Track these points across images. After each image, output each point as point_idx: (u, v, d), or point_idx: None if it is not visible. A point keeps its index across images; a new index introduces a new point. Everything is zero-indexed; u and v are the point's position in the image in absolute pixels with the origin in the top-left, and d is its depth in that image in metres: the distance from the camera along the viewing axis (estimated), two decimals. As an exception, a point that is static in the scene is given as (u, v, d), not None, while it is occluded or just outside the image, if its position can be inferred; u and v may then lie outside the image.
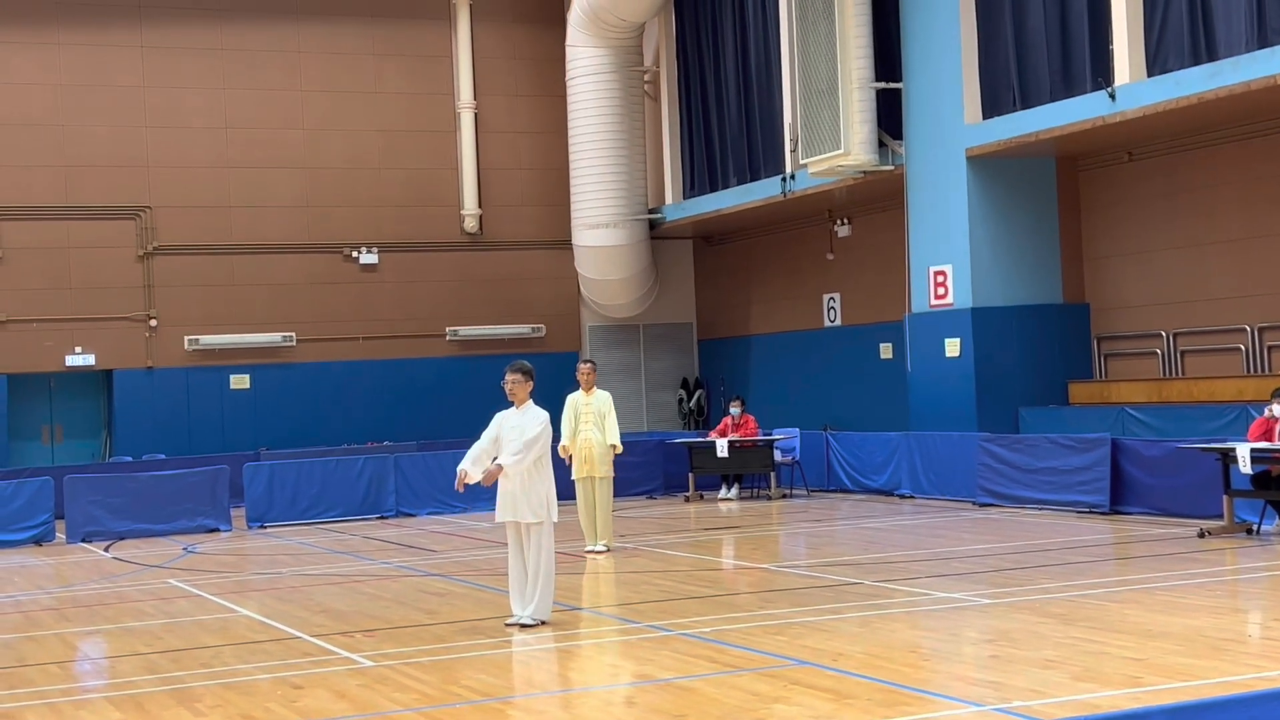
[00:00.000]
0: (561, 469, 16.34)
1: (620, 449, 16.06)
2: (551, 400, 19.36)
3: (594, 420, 15.96)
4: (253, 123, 27.29)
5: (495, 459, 11.15)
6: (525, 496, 11.11)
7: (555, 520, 11.34)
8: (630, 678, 9.42)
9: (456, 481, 11.20)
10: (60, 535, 19.67)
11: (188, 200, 26.79)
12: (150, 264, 26.57)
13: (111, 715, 8.48)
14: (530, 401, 11.35)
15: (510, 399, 11.39)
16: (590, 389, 16.10)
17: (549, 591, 11.17)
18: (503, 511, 11.27)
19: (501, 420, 11.34)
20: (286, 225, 27.41)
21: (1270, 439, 14.66)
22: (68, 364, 26.08)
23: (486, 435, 11.31)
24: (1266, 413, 14.91)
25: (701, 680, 8.84)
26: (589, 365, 16.32)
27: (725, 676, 8.93)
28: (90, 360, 26.19)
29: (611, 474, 16.03)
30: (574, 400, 16.12)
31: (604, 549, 15.68)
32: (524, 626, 10.98)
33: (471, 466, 11.18)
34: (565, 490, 15.78)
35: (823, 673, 8.87)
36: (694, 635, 10.39)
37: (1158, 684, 8.19)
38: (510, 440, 11.17)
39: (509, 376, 11.40)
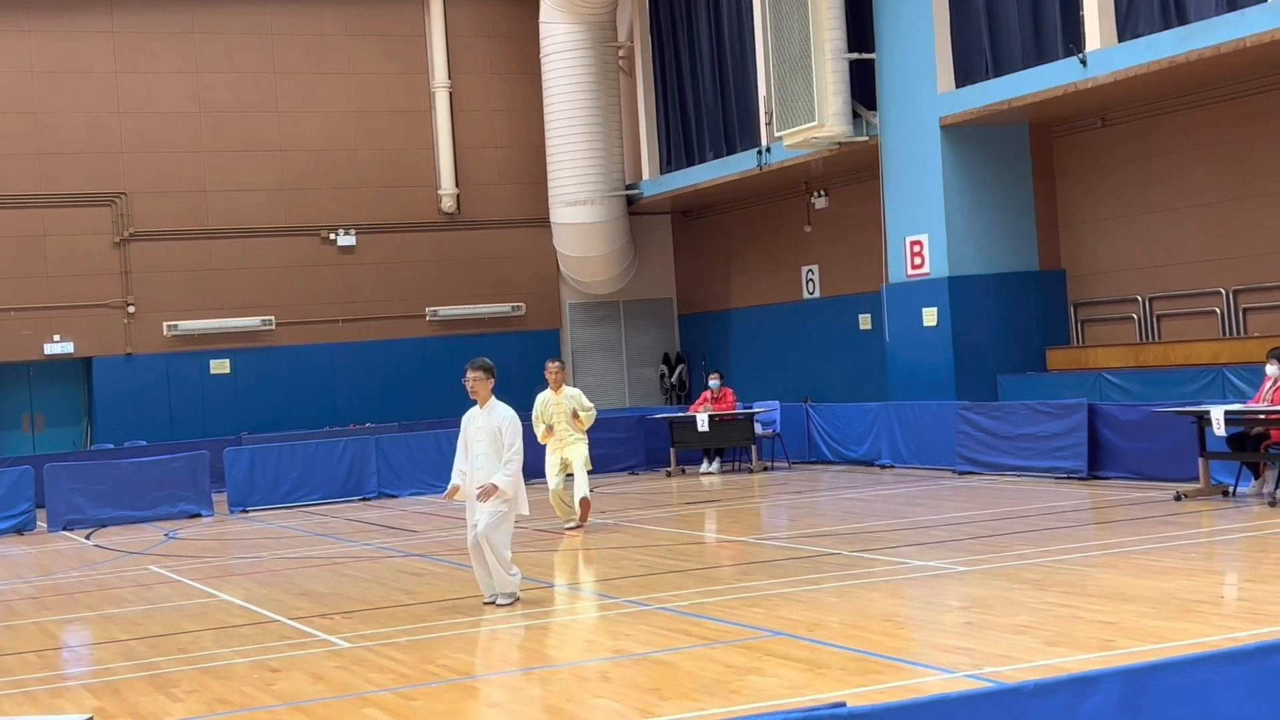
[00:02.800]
0: (535, 449, 16.38)
1: (584, 422, 15.82)
2: (532, 380, 19.45)
3: (565, 418, 15.77)
4: (227, 106, 27.20)
5: (493, 479, 10.84)
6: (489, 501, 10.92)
7: (525, 512, 11.20)
8: (607, 653, 9.44)
9: (446, 494, 11.23)
10: (42, 524, 19.67)
11: (164, 185, 26.72)
12: (127, 250, 26.50)
13: (88, 702, 8.50)
14: (494, 399, 11.12)
15: (472, 397, 11.17)
16: (559, 388, 15.88)
17: (509, 571, 11.00)
18: (469, 515, 11.15)
19: (467, 423, 11.11)
20: (263, 208, 27.34)
21: (1273, 399, 14.60)
22: (46, 352, 26.04)
23: (460, 445, 11.14)
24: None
25: (677, 654, 8.88)
26: (557, 364, 16.11)
27: (701, 649, 8.97)
28: (69, 348, 26.14)
29: (586, 466, 15.77)
30: (543, 399, 15.93)
31: (585, 494, 15.60)
32: (499, 604, 10.98)
33: (463, 482, 11.06)
34: (537, 467, 15.85)
35: (798, 643, 8.92)
36: (671, 609, 10.43)
37: (1129, 647, 8.25)
38: (478, 442, 10.94)
39: (470, 374, 11.14)
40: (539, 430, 15.81)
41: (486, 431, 10.96)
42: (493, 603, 11.02)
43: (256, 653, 9.79)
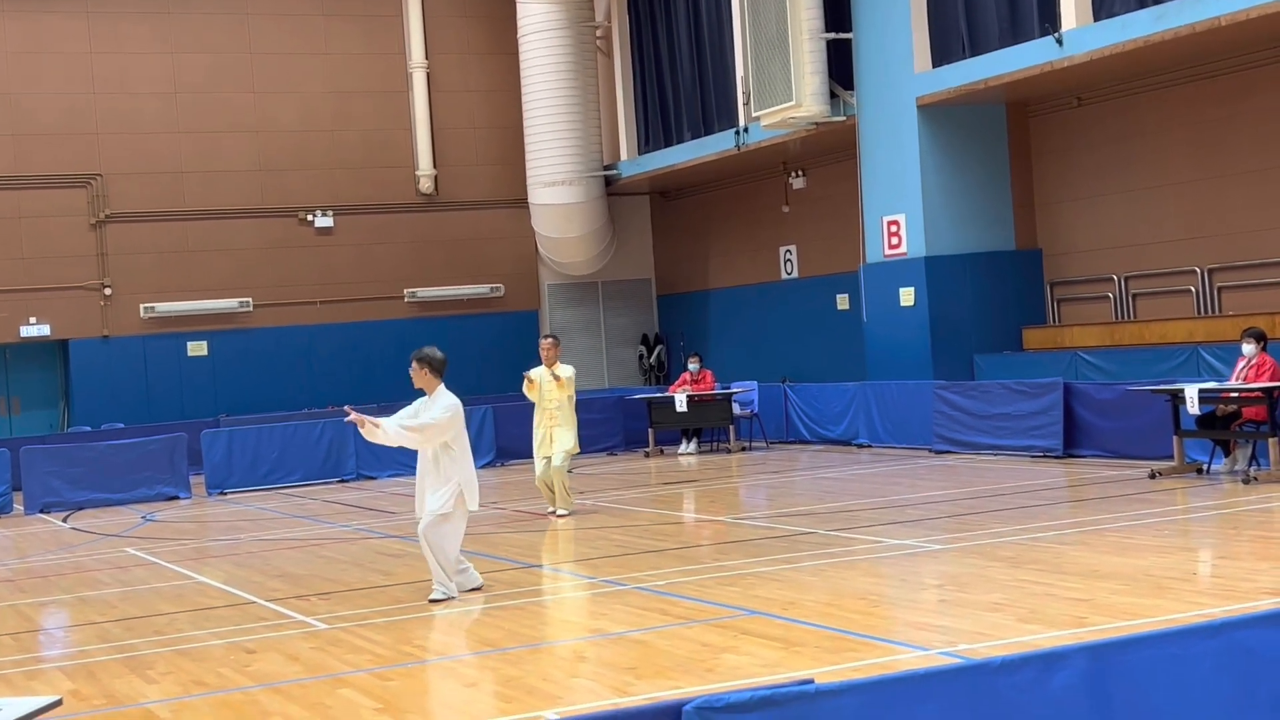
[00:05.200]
0: (523, 427, 16.24)
1: (574, 450, 15.32)
2: (510, 361, 19.48)
3: (557, 401, 15.24)
4: (203, 87, 27.06)
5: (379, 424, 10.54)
6: (431, 494, 10.60)
7: (474, 508, 10.73)
8: (583, 632, 9.49)
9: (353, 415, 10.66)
10: (18, 507, 19.61)
11: (139, 167, 26.59)
12: (103, 232, 26.38)
13: (63, 685, 8.49)
14: (441, 387, 10.72)
15: (417, 387, 10.81)
16: (552, 364, 15.32)
17: (443, 572, 10.54)
18: (417, 508, 10.88)
19: (416, 409, 10.78)
20: (240, 190, 27.23)
21: (1247, 378, 14.66)
22: (23, 334, 25.91)
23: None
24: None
25: (653, 633, 8.91)
26: (549, 340, 15.59)
27: (677, 628, 9.00)
28: (45, 330, 26.02)
29: (571, 452, 15.29)
30: (539, 373, 15.33)
31: (565, 513, 15.22)
32: (434, 601, 10.48)
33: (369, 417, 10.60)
34: (523, 450, 15.76)
35: (773, 622, 8.95)
36: (649, 589, 10.46)
37: (1102, 624, 8.30)
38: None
39: (411, 365, 10.78)
40: (526, 385, 15.41)
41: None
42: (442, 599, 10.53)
43: (233, 634, 9.79)
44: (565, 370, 15.36)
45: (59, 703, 5.11)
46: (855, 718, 4.37)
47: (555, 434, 15.29)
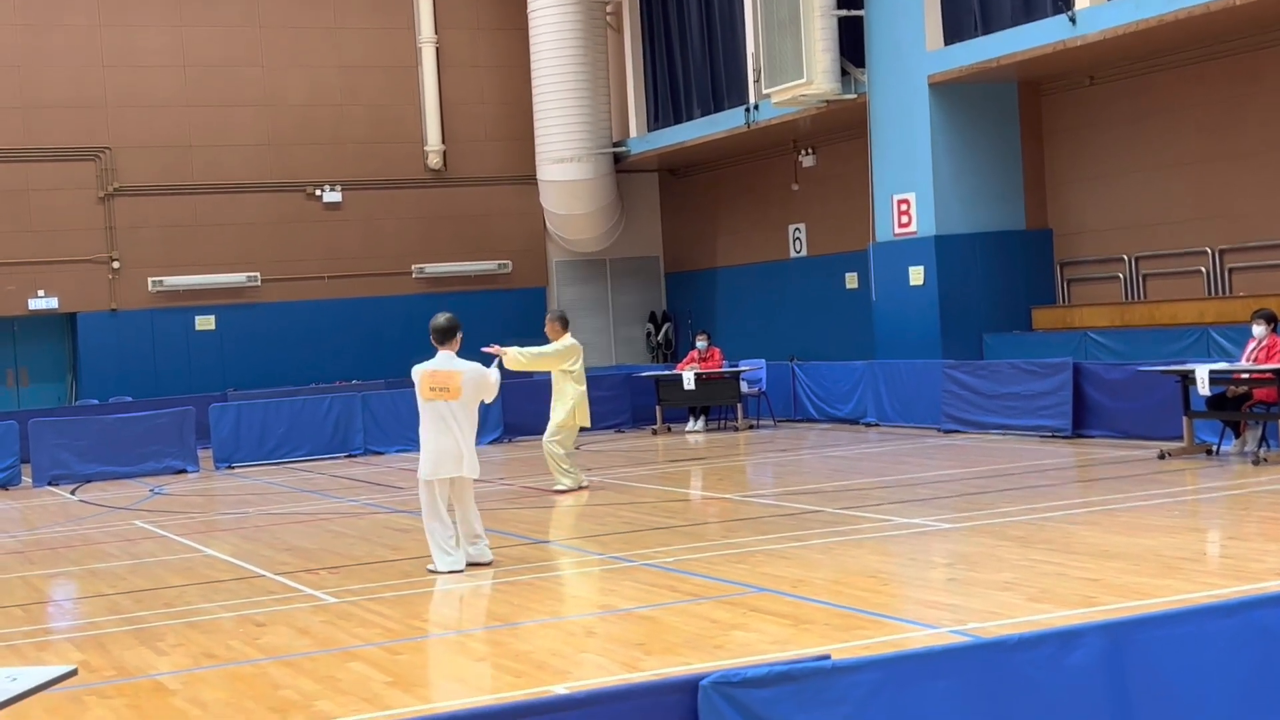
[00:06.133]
0: (531, 403, 16.16)
1: (565, 424, 15.25)
2: (518, 337, 19.37)
3: (555, 375, 15.26)
4: (212, 60, 27.00)
5: None
6: None
7: (426, 478, 10.76)
8: (591, 608, 9.49)
9: None
10: (26, 479, 19.64)
11: (148, 140, 26.54)
12: (112, 205, 26.35)
13: (73, 656, 8.50)
14: (441, 353, 11.29)
15: None
16: (556, 340, 15.21)
17: (429, 541, 10.83)
18: None
19: None
20: (249, 164, 27.19)
21: (1257, 359, 14.62)
22: (31, 307, 25.92)
23: None
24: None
25: (662, 609, 8.90)
26: (548, 316, 15.56)
27: (686, 605, 8.99)
28: (54, 303, 26.02)
29: (562, 425, 15.16)
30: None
31: (561, 489, 15.19)
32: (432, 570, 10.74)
33: None
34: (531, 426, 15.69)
35: (782, 599, 8.95)
36: (657, 565, 10.46)
37: (1111, 603, 8.28)
38: None
39: None
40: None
41: None
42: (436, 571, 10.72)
43: (242, 607, 9.79)
44: (549, 346, 15.12)
45: (74, 673, 5.11)
46: (872, 693, 4.36)
47: (553, 408, 15.35)
